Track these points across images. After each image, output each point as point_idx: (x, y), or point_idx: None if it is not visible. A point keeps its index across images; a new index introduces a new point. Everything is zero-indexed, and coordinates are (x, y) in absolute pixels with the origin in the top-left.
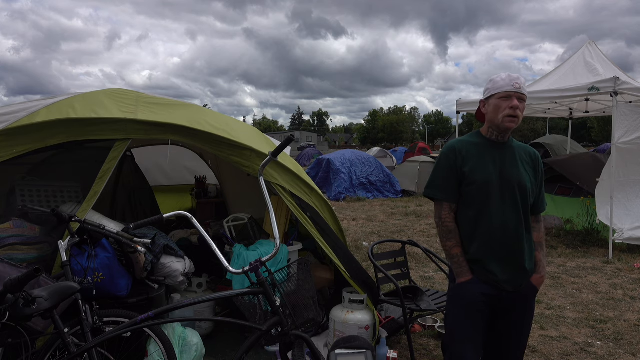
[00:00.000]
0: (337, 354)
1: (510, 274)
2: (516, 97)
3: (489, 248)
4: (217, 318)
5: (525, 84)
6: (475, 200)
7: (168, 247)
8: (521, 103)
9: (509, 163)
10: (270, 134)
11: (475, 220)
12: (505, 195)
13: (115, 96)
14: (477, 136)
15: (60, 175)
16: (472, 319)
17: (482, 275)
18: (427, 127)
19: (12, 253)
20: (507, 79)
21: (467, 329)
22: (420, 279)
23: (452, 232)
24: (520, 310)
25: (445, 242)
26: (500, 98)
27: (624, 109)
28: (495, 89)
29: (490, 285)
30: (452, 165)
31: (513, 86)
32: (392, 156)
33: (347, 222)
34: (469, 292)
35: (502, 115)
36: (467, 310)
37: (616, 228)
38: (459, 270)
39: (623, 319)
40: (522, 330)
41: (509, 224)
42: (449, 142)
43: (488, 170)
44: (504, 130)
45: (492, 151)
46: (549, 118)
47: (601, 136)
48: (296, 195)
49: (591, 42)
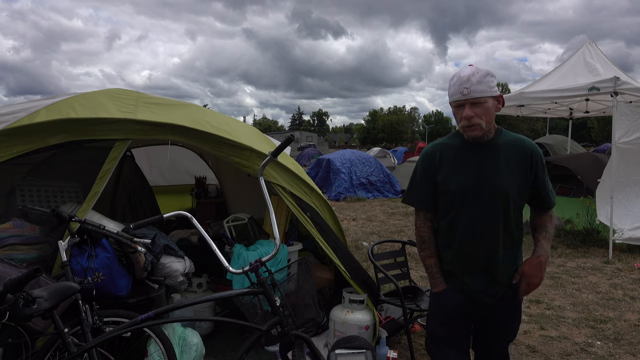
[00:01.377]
0: (337, 354)
1: (483, 286)
2: (468, 103)
3: (461, 259)
4: (217, 318)
5: (484, 79)
6: (449, 209)
7: (168, 247)
8: (478, 106)
9: (490, 166)
10: (270, 134)
11: (449, 229)
12: (481, 203)
13: (115, 96)
14: (456, 137)
15: (60, 175)
16: (449, 327)
17: (456, 286)
18: (427, 127)
19: (12, 253)
20: (455, 84)
21: (445, 336)
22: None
23: (425, 242)
24: (503, 315)
25: (420, 252)
26: (455, 107)
27: (624, 109)
28: (449, 95)
29: (465, 296)
30: (426, 173)
31: (461, 93)
32: (392, 156)
33: (347, 222)
34: (445, 302)
35: (460, 126)
36: (444, 319)
37: (616, 228)
38: (433, 281)
39: (623, 319)
40: (508, 330)
41: (483, 234)
42: (426, 147)
43: (463, 177)
44: (472, 137)
45: (470, 154)
46: (549, 118)
47: (601, 136)
48: (296, 195)
49: (591, 42)
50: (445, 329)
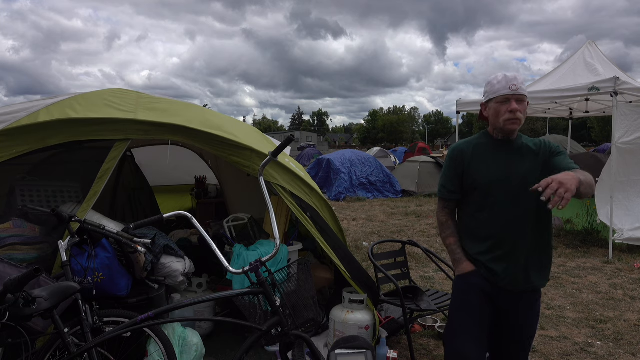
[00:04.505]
0: (337, 354)
1: (511, 275)
2: (515, 99)
3: (487, 248)
4: (217, 318)
5: (523, 82)
6: (478, 201)
7: (168, 247)
8: (521, 104)
9: (516, 161)
10: (270, 134)
11: (476, 220)
12: (510, 195)
13: (115, 96)
14: (484, 137)
15: (60, 175)
16: (468, 311)
17: (483, 272)
18: (427, 127)
19: (12, 253)
20: (503, 82)
21: (463, 321)
22: (420, 279)
23: (444, 224)
24: (522, 311)
25: (441, 234)
26: (499, 102)
27: (624, 109)
28: (493, 92)
29: (490, 283)
30: (455, 166)
31: (510, 88)
32: (392, 156)
33: (347, 222)
34: (467, 284)
35: (502, 120)
36: (464, 301)
37: (616, 228)
38: (454, 257)
39: (623, 319)
40: (523, 332)
41: (512, 224)
42: (456, 143)
43: (492, 171)
44: (508, 132)
45: (498, 151)
46: (549, 118)
47: (601, 136)
48: (296, 195)
49: (591, 42)
50: (463, 313)
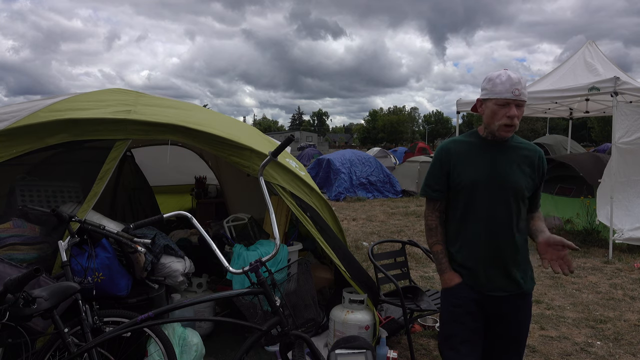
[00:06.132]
0: (337, 354)
1: (494, 279)
2: (515, 104)
3: (473, 251)
4: (217, 318)
5: (526, 84)
6: (462, 202)
7: (168, 247)
8: (520, 109)
9: (504, 163)
10: (270, 134)
11: (461, 222)
12: (494, 197)
13: (115, 96)
14: (473, 136)
15: (60, 175)
16: (460, 321)
17: (468, 279)
18: (427, 127)
19: (12, 253)
20: (506, 84)
21: (456, 331)
22: (420, 279)
23: (432, 229)
24: (513, 315)
25: (428, 240)
26: (498, 104)
27: (624, 109)
28: (494, 92)
29: (476, 290)
30: (442, 165)
31: (512, 93)
32: (392, 156)
33: (347, 222)
34: (455, 295)
35: (498, 124)
36: (455, 312)
37: (616, 228)
38: (439, 267)
39: (623, 319)
40: (518, 335)
41: (496, 227)
42: (444, 142)
43: (478, 171)
44: (500, 137)
45: (486, 151)
46: (549, 118)
47: (601, 136)
48: (296, 195)
49: (591, 42)
50: (456, 324)
